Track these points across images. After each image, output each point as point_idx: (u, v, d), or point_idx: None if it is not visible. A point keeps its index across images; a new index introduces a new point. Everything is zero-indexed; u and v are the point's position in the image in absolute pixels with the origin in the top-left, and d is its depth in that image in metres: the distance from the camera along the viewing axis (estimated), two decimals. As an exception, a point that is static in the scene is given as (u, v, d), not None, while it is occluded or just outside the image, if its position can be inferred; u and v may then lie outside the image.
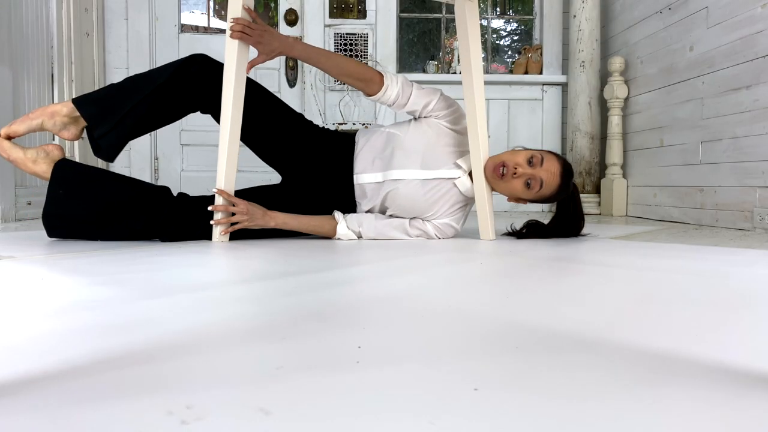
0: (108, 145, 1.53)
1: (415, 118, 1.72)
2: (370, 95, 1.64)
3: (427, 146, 1.63)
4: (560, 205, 1.74)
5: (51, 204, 1.48)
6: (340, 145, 1.72)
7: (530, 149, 1.63)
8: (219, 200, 1.53)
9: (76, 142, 2.95)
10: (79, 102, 1.52)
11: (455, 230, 1.69)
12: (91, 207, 1.49)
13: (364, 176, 1.66)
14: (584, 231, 1.83)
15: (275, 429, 0.38)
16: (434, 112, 1.66)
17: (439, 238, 1.67)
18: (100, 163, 3.13)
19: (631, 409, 0.42)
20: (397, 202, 1.63)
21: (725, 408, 0.43)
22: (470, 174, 1.67)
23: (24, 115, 1.54)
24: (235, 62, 1.49)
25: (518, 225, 1.83)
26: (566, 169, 1.61)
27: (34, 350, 0.55)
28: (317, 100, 3.51)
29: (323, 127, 1.80)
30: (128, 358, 0.52)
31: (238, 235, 1.62)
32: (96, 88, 3.25)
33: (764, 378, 0.49)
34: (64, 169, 1.50)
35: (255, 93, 1.64)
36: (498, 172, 1.59)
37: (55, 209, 1.48)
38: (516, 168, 1.56)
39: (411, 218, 1.67)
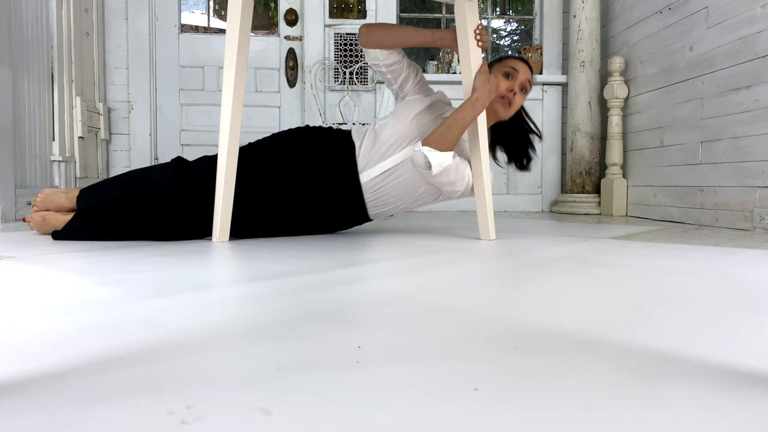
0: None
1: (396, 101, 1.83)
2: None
3: (419, 125, 1.70)
4: (514, 121, 1.80)
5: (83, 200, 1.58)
6: (338, 151, 1.72)
7: (499, 65, 1.73)
8: (219, 202, 1.53)
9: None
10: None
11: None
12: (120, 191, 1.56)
13: (372, 170, 1.68)
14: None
15: (275, 429, 0.38)
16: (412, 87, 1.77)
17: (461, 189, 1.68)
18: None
19: (631, 409, 0.42)
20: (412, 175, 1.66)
21: (725, 408, 0.43)
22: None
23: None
24: (235, 61, 1.49)
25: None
26: (528, 63, 1.74)
27: (34, 350, 0.55)
28: (317, 100, 3.51)
29: (314, 127, 1.82)
30: (128, 358, 0.52)
31: (238, 235, 1.62)
32: (96, 87, 3.25)
33: (764, 378, 0.49)
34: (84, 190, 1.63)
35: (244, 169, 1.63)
36: (505, 104, 1.69)
37: (88, 191, 1.60)
38: (511, 90, 1.68)
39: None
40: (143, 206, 1.53)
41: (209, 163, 1.62)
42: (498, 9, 4.02)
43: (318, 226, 1.78)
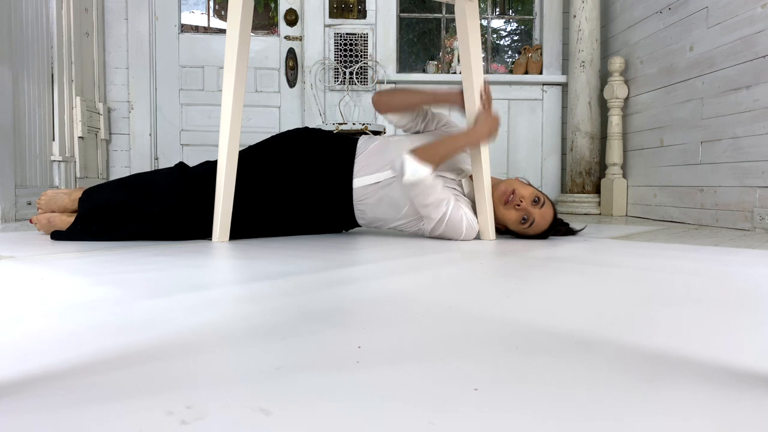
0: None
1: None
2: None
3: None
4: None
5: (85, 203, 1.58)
6: (336, 152, 1.72)
7: (535, 188, 1.67)
8: (219, 201, 1.53)
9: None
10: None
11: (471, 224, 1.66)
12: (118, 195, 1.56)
13: (365, 178, 1.67)
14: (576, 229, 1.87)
15: (275, 429, 0.38)
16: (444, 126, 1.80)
17: (464, 232, 1.63)
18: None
19: (631, 409, 0.42)
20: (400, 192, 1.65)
21: (725, 408, 0.43)
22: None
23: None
24: (235, 61, 1.49)
25: None
26: (555, 221, 1.69)
27: (34, 350, 0.55)
28: (317, 100, 3.51)
29: (314, 128, 1.82)
30: (128, 358, 0.52)
31: (238, 235, 1.62)
32: (96, 87, 3.25)
33: (764, 378, 0.49)
34: (88, 191, 1.62)
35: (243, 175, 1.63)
36: (505, 198, 1.63)
37: (89, 194, 1.59)
38: (521, 200, 1.62)
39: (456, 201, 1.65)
40: (146, 212, 1.53)
41: (211, 168, 1.62)
42: (498, 9, 4.02)
43: (310, 225, 1.78)
